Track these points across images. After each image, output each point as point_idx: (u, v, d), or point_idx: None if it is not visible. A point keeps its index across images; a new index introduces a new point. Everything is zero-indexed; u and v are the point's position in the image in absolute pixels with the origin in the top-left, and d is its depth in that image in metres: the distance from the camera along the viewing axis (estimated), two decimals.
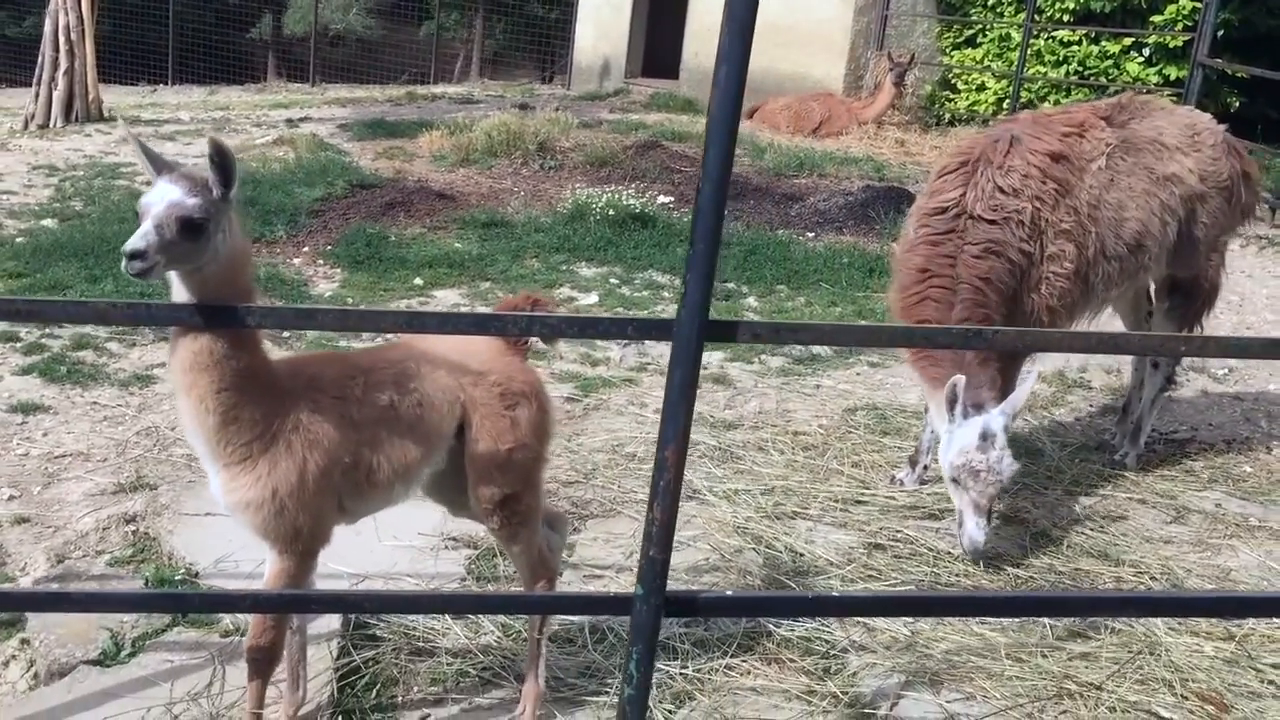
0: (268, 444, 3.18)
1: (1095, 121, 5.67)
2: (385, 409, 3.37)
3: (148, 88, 20.26)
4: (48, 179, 11.30)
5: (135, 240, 2.86)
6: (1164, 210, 5.66)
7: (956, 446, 4.92)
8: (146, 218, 2.90)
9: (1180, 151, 5.78)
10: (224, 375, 3.06)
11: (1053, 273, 5.32)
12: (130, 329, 7.16)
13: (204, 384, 3.06)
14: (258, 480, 3.18)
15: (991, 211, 5.23)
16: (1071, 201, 5.39)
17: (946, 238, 5.27)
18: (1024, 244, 5.24)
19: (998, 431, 4.88)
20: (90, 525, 4.94)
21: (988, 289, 5.15)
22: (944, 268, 5.21)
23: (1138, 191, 5.60)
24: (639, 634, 3.04)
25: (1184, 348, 3.03)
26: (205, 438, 3.15)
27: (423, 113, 16.31)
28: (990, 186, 5.28)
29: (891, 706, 3.99)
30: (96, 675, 3.88)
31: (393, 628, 4.21)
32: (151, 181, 2.99)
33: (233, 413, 3.11)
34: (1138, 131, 5.75)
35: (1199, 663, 4.26)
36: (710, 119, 2.72)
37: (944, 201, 5.37)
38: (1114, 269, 5.55)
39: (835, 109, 15.89)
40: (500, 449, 3.53)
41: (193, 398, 3.08)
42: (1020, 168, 5.33)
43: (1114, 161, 5.58)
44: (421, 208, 10.64)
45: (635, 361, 7.38)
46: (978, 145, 5.54)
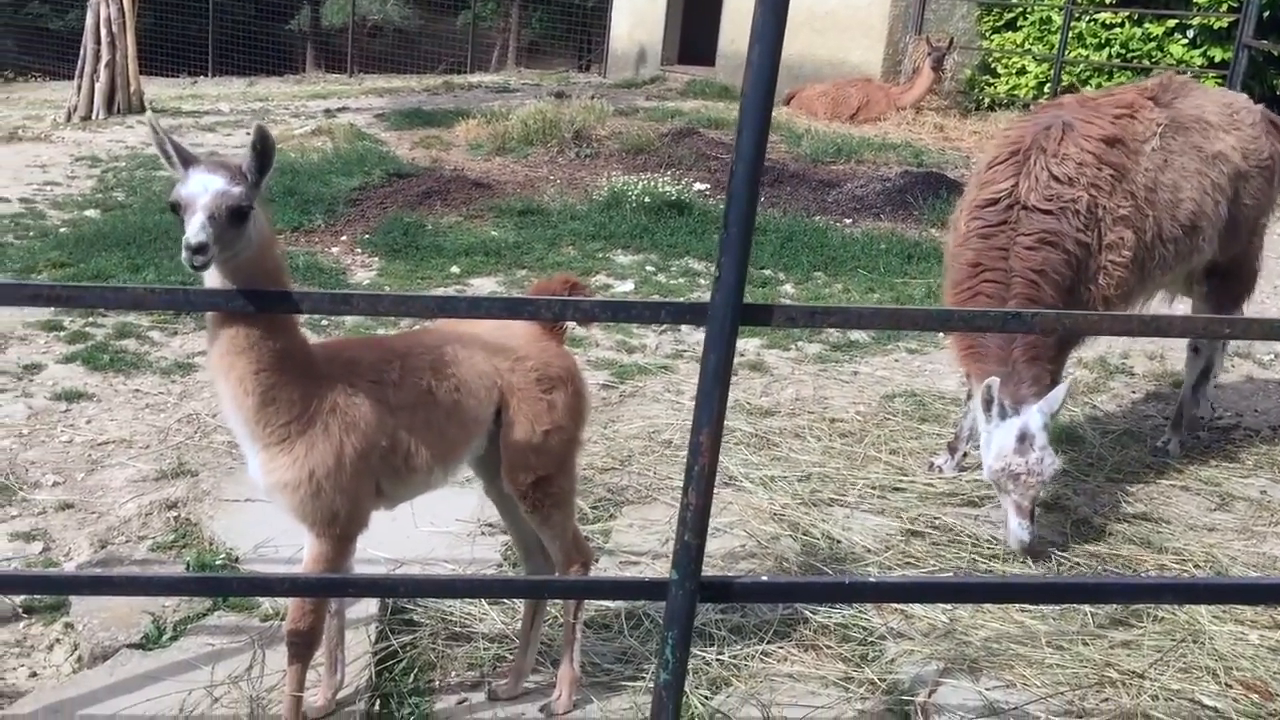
0: (305, 425, 3.19)
1: (1144, 102, 5.55)
2: (423, 393, 3.38)
3: (188, 79, 20.45)
4: (90, 170, 11.43)
5: (198, 233, 2.83)
6: (1215, 189, 5.55)
7: (995, 450, 4.84)
8: (195, 209, 2.87)
9: (1223, 130, 5.68)
10: (261, 357, 3.08)
11: (1111, 261, 5.17)
12: (171, 317, 7.24)
13: (242, 366, 3.08)
14: (295, 461, 3.19)
15: (1046, 201, 5.08)
16: (1128, 186, 5.24)
17: (999, 230, 5.13)
18: (1081, 234, 5.08)
19: (1036, 432, 4.78)
20: (133, 511, 5.00)
21: (1042, 281, 4.99)
22: (996, 261, 5.07)
23: (1190, 171, 5.47)
24: (674, 619, 3.04)
25: (1228, 330, 2.98)
26: (244, 419, 3.16)
27: (459, 102, 16.35)
28: (1045, 175, 5.13)
29: (930, 694, 3.95)
30: (139, 658, 3.93)
31: (430, 612, 4.23)
32: (179, 174, 2.98)
33: (271, 393, 3.12)
34: (1183, 110, 5.64)
35: (1243, 651, 4.20)
36: (744, 99, 2.71)
37: (996, 193, 5.22)
38: (1170, 252, 5.42)
39: (873, 94, 15.77)
40: (536, 432, 3.54)
41: (231, 380, 3.10)
42: (1075, 155, 5.18)
43: (1166, 142, 5.45)
44: (458, 196, 10.68)
45: (671, 349, 7.36)
46: (1027, 133, 5.37)
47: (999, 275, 5.06)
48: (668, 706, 3.12)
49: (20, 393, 6.10)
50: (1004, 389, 4.86)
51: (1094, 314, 4.54)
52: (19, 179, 10.81)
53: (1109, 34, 15.57)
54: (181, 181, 2.94)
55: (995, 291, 5.05)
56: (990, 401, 4.83)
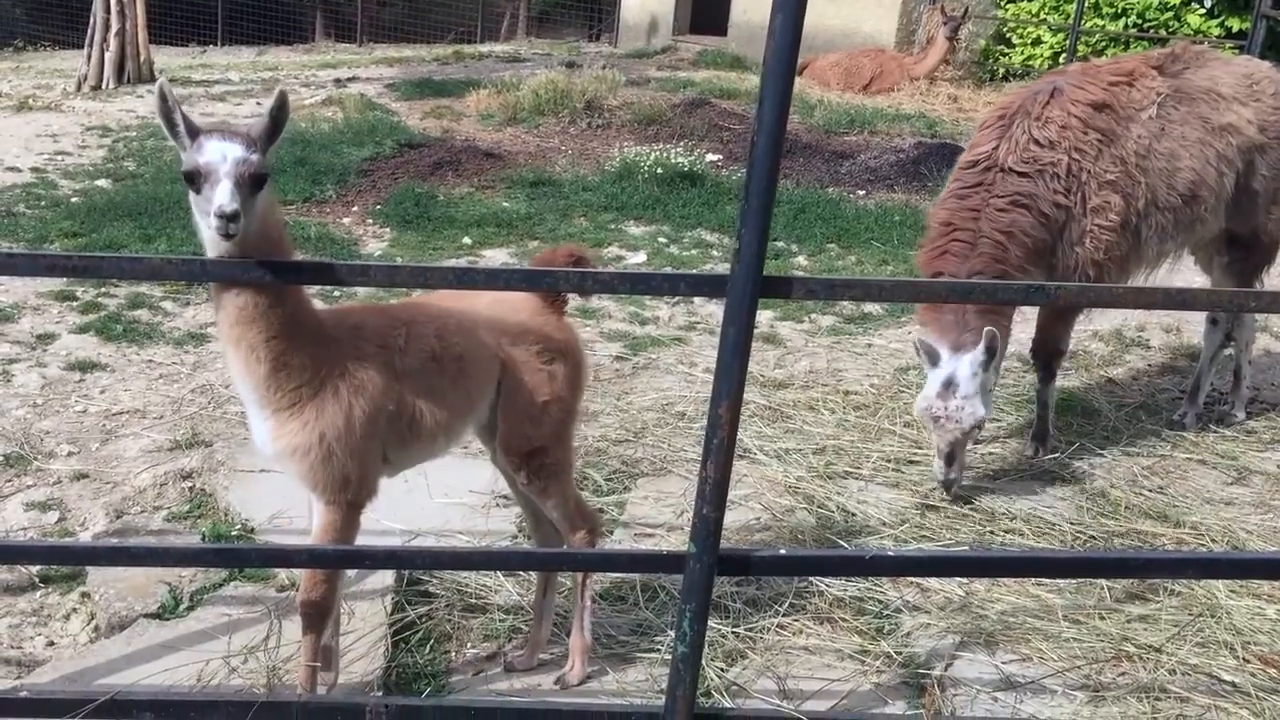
0: (316, 390, 3.18)
1: (1146, 70, 5.52)
2: (428, 360, 3.38)
3: (197, 49, 20.35)
4: (101, 140, 11.40)
5: (229, 200, 2.81)
6: (1220, 161, 5.51)
7: (923, 392, 5.04)
8: (220, 177, 2.85)
9: (1238, 102, 5.61)
10: (271, 324, 3.06)
11: (1097, 225, 5.20)
12: (184, 288, 7.23)
13: (253, 335, 3.06)
14: (305, 425, 3.17)
15: (1023, 164, 5.14)
16: (1117, 151, 5.26)
17: (974, 191, 5.19)
18: (1059, 196, 5.13)
19: (961, 380, 4.90)
20: (148, 481, 5.00)
21: (1009, 243, 5.05)
22: (967, 221, 5.13)
23: (1191, 141, 5.45)
24: (692, 592, 3.04)
25: (1254, 303, 2.94)
26: (255, 385, 3.14)
27: (470, 72, 16.27)
28: (1025, 138, 5.19)
29: (946, 667, 3.95)
30: (155, 628, 3.94)
31: (445, 584, 4.23)
32: (184, 143, 2.96)
33: (282, 359, 3.10)
34: (1192, 81, 5.59)
35: (1261, 625, 4.18)
36: (765, 69, 2.68)
37: (977, 155, 5.30)
38: (1167, 220, 5.42)
39: (886, 65, 15.66)
40: (536, 403, 3.56)
41: (242, 349, 3.08)
42: (1059, 119, 5.22)
43: (1165, 111, 5.43)
44: (469, 167, 10.64)
45: (684, 320, 7.34)
46: (1018, 98, 5.46)
47: (968, 235, 5.10)
48: (685, 679, 3.13)
49: (34, 363, 6.10)
50: (948, 336, 4.96)
51: (1117, 287, 4.51)
52: (30, 149, 10.78)
53: (1125, 3, 15.42)
54: (195, 150, 2.91)
55: (961, 251, 5.08)
56: (923, 348, 5.00)
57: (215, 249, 2.98)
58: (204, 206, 2.89)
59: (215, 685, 3.64)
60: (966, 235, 5.11)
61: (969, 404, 4.90)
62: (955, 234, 5.14)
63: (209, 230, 2.91)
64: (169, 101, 2.93)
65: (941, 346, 4.98)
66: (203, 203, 2.89)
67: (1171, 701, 3.79)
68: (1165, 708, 3.77)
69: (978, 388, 4.91)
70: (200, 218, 2.95)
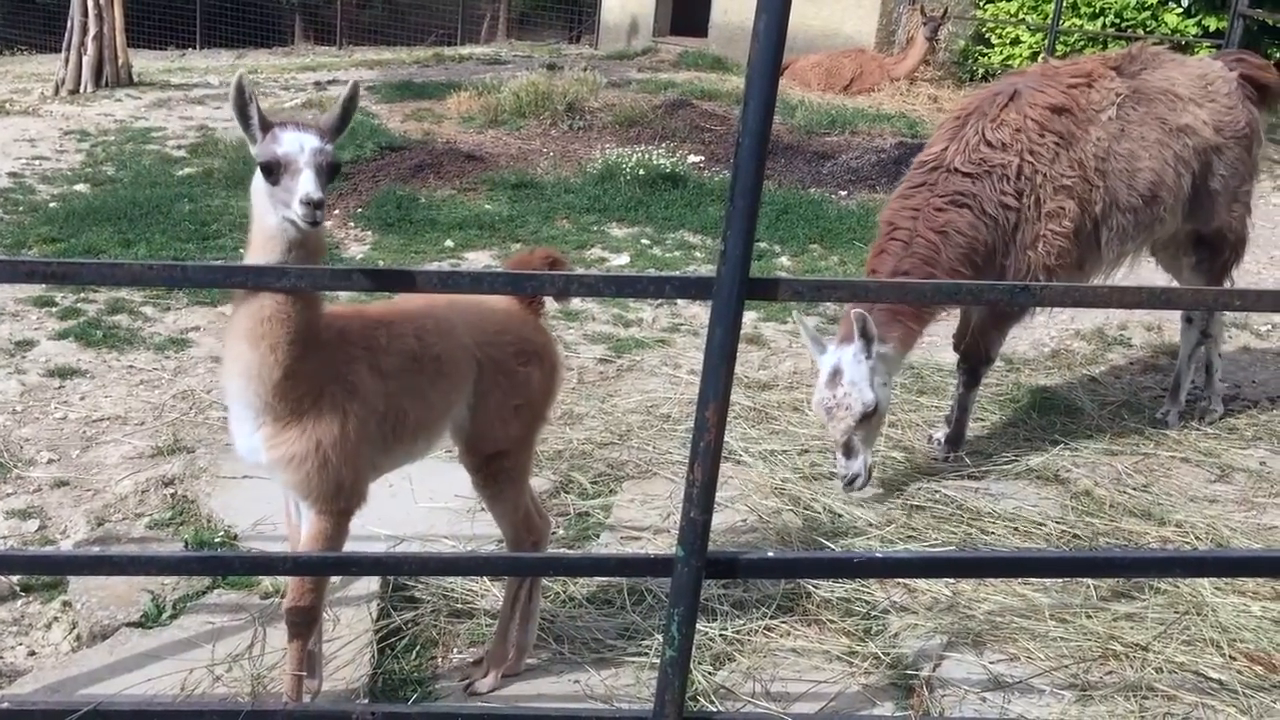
0: (315, 397, 3.15)
1: (1104, 71, 5.52)
2: (409, 360, 3.36)
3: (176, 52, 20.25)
4: (79, 144, 11.32)
5: (315, 189, 2.85)
6: (1178, 161, 5.52)
7: (816, 385, 5.02)
8: (301, 167, 2.88)
9: (1193, 103, 5.63)
10: (297, 327, 3.04)
11: (1050, 230, 5.19)
12: (164, 293, 7.17)
13: (279, 334, 3.03)
14: (303, 433, 3.13)
15: (970, 164, 5.12)
16: (1075, 154, 5.25)
17: (918, 190, 5.19)
18: (1007, 198, 5.11)
19: (845, 367, 4.87)
20: (129, 488, 4.96)
21: (943, 243, 5.01)
22: (906, 220, 5.12)
23: (1150, 141, 5.46)
24: (680, 595, 3.02)
25: (1238, 301, 2.95)
26: (262, 390, 3.08)
27: (450, 74, 16.22)
28: (977, 139, 5.17)
29: (933, 668, 3.95)
30: (138, 637, 3.90)
31: (431, 589, 4.21)
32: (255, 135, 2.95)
33: (295, 365, 3.07)
34: (1149, 82, 5.60)
35: (1246, 623, 4.20)
36: (750, 69, 2.67)
37: (927, 156, 5.30)
38: (1128, 221, 5.43)
39: (867, 65, 15.67)
40: (508, 405, 3.55)
41: (262, 349, 3.03)
42: (1014, 121, 5.20)
43: (1125, 111, 5.44)
44: (451, 169, 10.60)
45: (668, 322, 7.33)
46: (977, 99, 5.44)
47: (905, 234, 5.09)
48: (673, 683, 3.12)
49: (13, 369, 6.04)
50: (840, 331, 4.98)
51: (1102, 287, 4.53)
52: (7, 153, 10.70)
53: (1103, 3, 15.47)
54: (272, 141, 2.93)
55: (896, 250, 5.08)
56: (806, 335, 5.03)
57: (283, 239, 2.98)
58: (283, 196, 2.90)
59: (199, 694, 3.60)
60: (903, 234, 5.09)
61: (855, 389, 4.85)
62: (894, 233, 5.14)
63: (290, 218, 2.92)
64: (245, 94, 2.92)
65: (831, 341, 5.00)
66: (281, 193, 2.91)
67: (1159, 700, 3.80)
68: (1152, 706, 3.78)
69: (864, 374, 4.86)
70: (274, 208, 2.95)
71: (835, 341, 4.99)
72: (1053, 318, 7.62)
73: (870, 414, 4.93)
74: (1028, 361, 7.06)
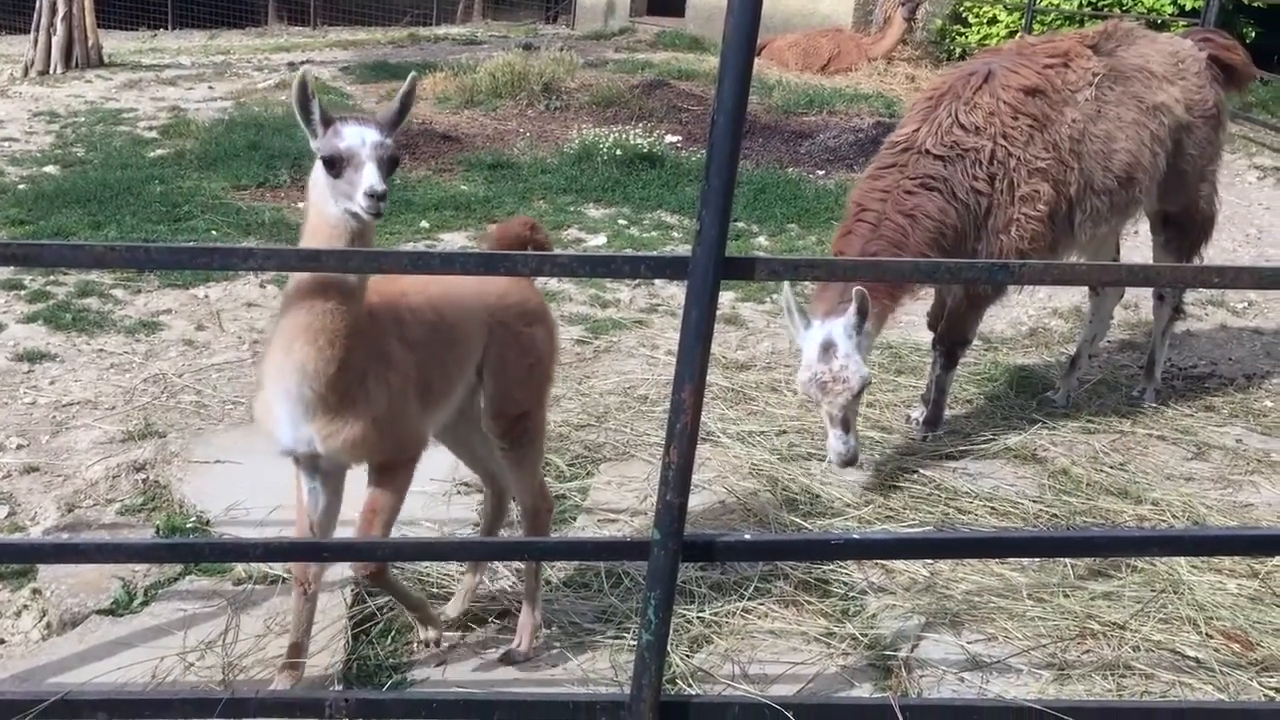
0: (360, 380, 3.19)
1: (1081, 50, 5.44)
2: (428, 329, 3.43)
3: (148, 33, 19.98)
4: (49, 125, 11.17)
5: (379, 181, 2.90)
6: (1154, 141, 5.48)
7: (803, 362, 4.85)
8: (364, 160, 2.93)
9: (1167, 80, 5.59)
10: (353, 321, 3.09)
11: (1024, 214, 5.12)
12: (134, 275, 7.09)
13: (337, 329, 3.06)
14: (357, 417, 3.18)
15: (942, 147, 5.04)
16: (1050, 137, 5.17)
17: (888, 171, 5.11)
18: (979, 182, 5.04)
19: (838, 340, 4.75)
20: (100, 474, 4.90)
21: (911, 226, 4.94)
22: (875, 202, 5.04)
23: (1127, 122, 5.40)
24: (657, 579, 3.00)
25: (1217, 278, 2.93)
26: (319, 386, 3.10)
27: (426, 54, 16.09)
28: (950, 122, 5.09)
29: (912, 648, 3.94)
30: (109, 625, 3.85)
31: (406, 573, 4.17)
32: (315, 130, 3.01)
33: (348, 355, 3.11)
34: (1125, 59, 5.54)
35: (1223, 600, 4.20)
36: (725, 46, 2.63)
37: (899, 136, 5.22)
38: (1103, 203, 5.37)
39: (844, 45, 15.62)
40: (522, 366, 3.64)
41: (321, 344, 3.06)
42: (987, 105, 5.12)
43: (1102, 91, 5.37)
44: (426, 150, 10.52)
45: (646, 303, 7.29)
46: (951, 79, 5.35)
47: (874, 217, 5.01)
48: (650, 667, 3.09)
49: None
50: (824, 307, 4.84)
51: (1082, 264, 4.50)
52: None
53: None
54: (333, 136, 2.99)
55: (864, 232, 4.99)
56: (790, 311, 4.85)
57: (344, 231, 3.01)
58: (345, 190, 2.96)
59: (171, 682, 3.56)
60: (872, 217, 5.01)
61: (852, 361, 4.73)
62: (862, 214, 5.06)
63: (353, 210, 2.96)
64: (307, 90, 2.99)
65: (814, 315, 4.87)
66: (344, 185, 2.96)
67: (1136, 678, 3.80)
68: (1130, 684, 3.78)
69: (855, 347, 4.76)
70: (336, 200, 3.00)
71: (819, 316, 4.85)
72: (1031, 297, 7.62)
73: (864, 389, 4.86)
74: (1006, 340, 7.06)
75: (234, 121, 11.20)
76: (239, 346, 6.29)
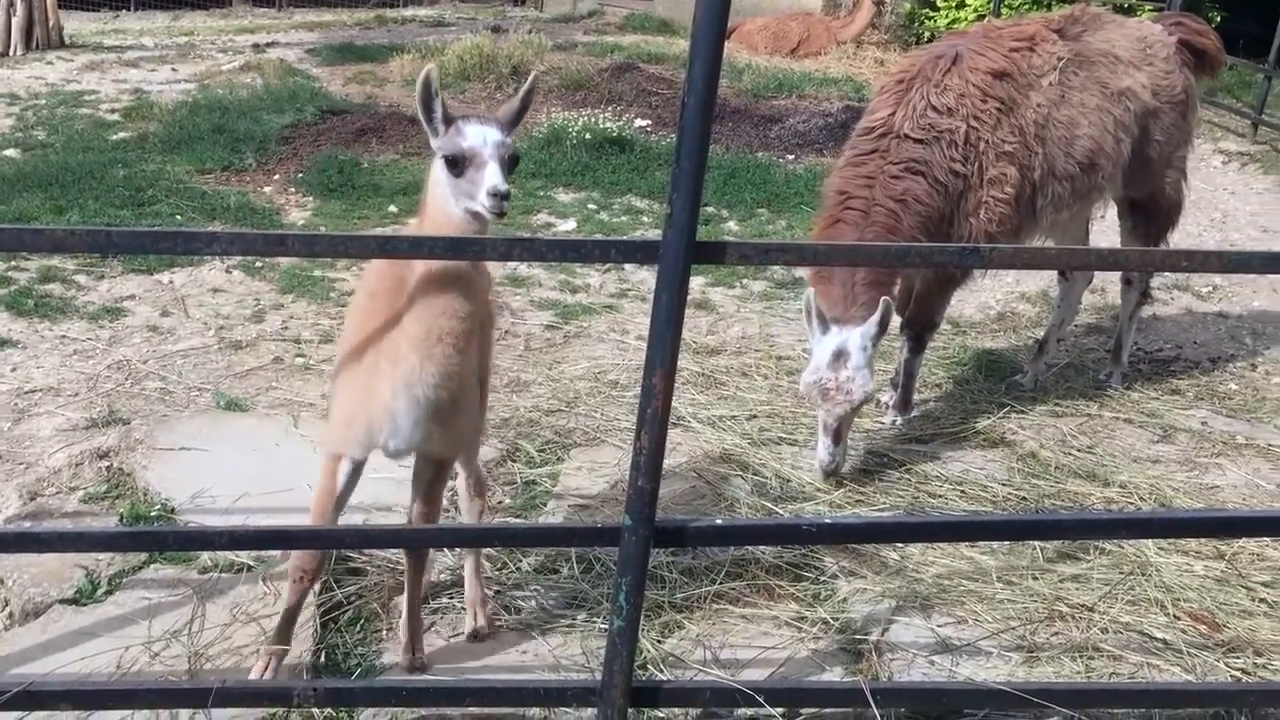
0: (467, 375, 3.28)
1: (1047, 34, 5.43)
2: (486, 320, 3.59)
3: (110, 14, 19.65)
4: (9, 108, 10.98)
5: (501, 181, 2.92)
6: (1118, 127, 5.48)
7: (811, 364, 4.86)
8: (486, 159, 2.95)
9: (1133, 66, 5.58)
10: (480, 314, 3.20)
11: (992, 197, 5.13)
12: (98, 260, 6.99)
13: (472, 325, 3.15)
14: (467, 411, 3.33)
15: (920, 130, 5.03)
16: (1016, 121, 5.17)
17: (869, 158, 5.08)
18: (955, 164, 5.04)
19: (852, 351, 4.76)
20: (63, 461, 4.82)
21: (903, 211, 4.93)
22: (861, 189, 5.01)
23: (1091, 108, 5.40)
24: (628, 565, 2.98)
25: (1185, 262, 2.94)
26: (453, 386, 3.18)
27: (393, 36, 15.94)
28: (923, 105, 5.07)
29: (882, 632, 3.94)
30: (72, 614, 3.80)
31: (375, 561, 4.14)
32: (438, 128, 3.03)
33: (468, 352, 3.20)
34: (1091, 44, 5.53)
35: (1189, 582, 4.23)
36: (696, 28, 2.60)
37: (873, 121, 5.18)
38: (1065, 189, 5.37)
39: (814, 29, 15.61)
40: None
41: (461, 345, 3.13)
42: (958, 86, 5.11)
43: (1066, 76, 5.36)
44: (394, 133, 10.42)
45: (616, 288, 7.26)
46: (919, 62, 5.32)
47: (862, 204, 4.99)
48: (621, 653, 3.08)
49: None
50: (835, 309, 4.84)
51: (1052, 248, 4.50)
52: None
53: None
54: (456, 135, 3.01)
55: (855, 219, 4.97)
56: (810, 314, 4.83)
57: (465, 229, 3.03)
58: (467, 189, 2.98)
59: (136, 672, 3.52)
60: (860, 204, 4.98)
61: (860, 375, 4.75)
62: (849, 202, 5.02)
63: (474, 209, 2.98)
64: (432, 89, 3.01)
65: (831, 320, 4.85)
66: (465, 185, 2.98)
67: (1104, 660, 3.83)
68: (1099, 666, 3.80)
69: (867, 360, 4.78)
70: (457, 199, 3.01)
71: (837, 323, 4.82)
72: (998, 281, 7.65)
73: (865, 403, 4.88)
74: (974, 324, 7.08)
75: (198, 104, 11.06)
76: (204, 332, 6.21)
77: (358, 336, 3.35)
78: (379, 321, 3.25)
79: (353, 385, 3.33)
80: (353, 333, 3.41)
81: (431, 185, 3.11)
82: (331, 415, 3.51)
